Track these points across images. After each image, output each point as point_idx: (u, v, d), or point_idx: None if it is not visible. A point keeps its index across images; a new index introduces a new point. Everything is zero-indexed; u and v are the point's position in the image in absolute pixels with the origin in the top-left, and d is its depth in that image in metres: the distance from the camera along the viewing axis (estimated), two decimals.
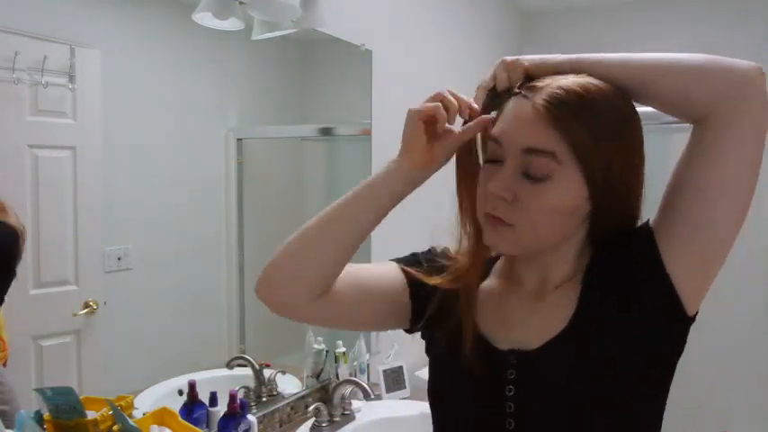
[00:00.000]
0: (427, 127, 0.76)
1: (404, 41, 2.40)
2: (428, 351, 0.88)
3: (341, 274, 0.81)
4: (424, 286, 0.84)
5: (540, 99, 0.70)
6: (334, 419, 1.75)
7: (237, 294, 1.76)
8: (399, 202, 0.79)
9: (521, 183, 0.71)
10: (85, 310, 1.33)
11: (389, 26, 2.30)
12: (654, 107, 0.74)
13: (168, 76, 1.56)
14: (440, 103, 0.75)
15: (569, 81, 0.71)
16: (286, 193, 2.00)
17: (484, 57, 3.16)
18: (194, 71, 1.63)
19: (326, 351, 1.91)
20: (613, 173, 0.71)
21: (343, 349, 1.95)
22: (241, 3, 1.57)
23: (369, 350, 2.08)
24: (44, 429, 1.13)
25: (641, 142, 0.75)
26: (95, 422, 1.15)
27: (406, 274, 0.86)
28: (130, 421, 1.16)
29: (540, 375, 0.74)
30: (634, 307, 0.73)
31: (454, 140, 0.77)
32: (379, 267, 0.87)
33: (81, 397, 1.15)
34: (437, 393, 0.84)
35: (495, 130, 0.74)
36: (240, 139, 1.74)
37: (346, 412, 1.79)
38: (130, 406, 1.26)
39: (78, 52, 1.28)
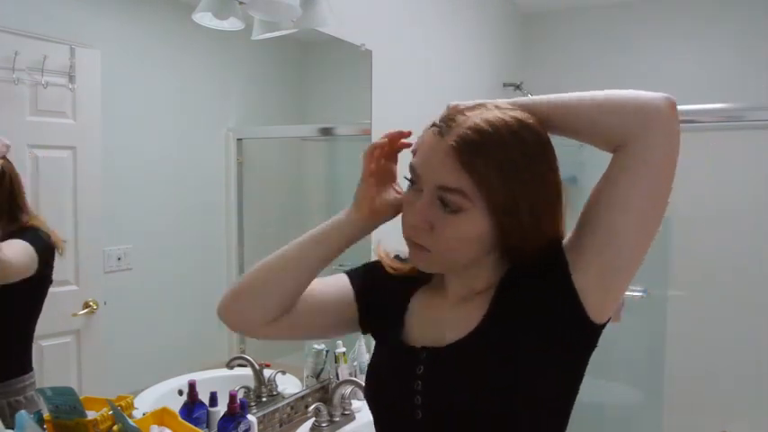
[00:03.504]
0: (377, 182, 0.89)
1: (404, 41, 2.40)
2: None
3: None
4: (369, 290, 0.94)
5: (451, 140, 0.76)
6: (334, 419, 1.75)
7: None
8: (350, 246, 0.91)
9: (436, 213, 0.78)
10: (85, 310, 1.33)
11: (389, 26, 2.30)
12: (577, 139, 0.81)
13: (168, 76, 1.56)
14: (370, 147, 0.88)
15: (480, 118, 0.76)
16: (286, 193, 2.00)
17: (484, 57, 3.16)
18: (194, 71, 1.63)
19: (326, 351, 1.91)
20: (519, 205, 0.76)
21: (343, 349, 1.95)
22: (241, 3, 1.57)
23: (369, 350, 2.08)
24: (44, 429, 1.14)
25: (552, 170, 0.80)
26: (95, 422, 1.15)
27: (353, 281, 0.95)
28: (130, 421, 1.16)
29: (443, 372, 0.81)
30: (540, 315, 0.79)
31: (396, 194, 0.90)
32: (330, 280, 0.96)
33: (81, 397, 1.15)
34: (369, 383, 0.92)
35: (413, 160, 0.81)
36: (240, 139, 1.74)
37: (346, 412, 1.79)
38: (130, 406, 1.26)
39: (78, 52, 1.28)
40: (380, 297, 0.94)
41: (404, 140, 0.90)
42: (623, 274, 0.78)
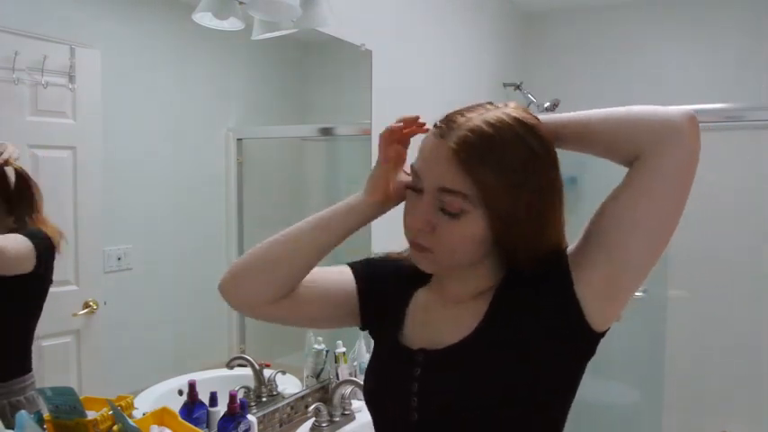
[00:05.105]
0: (391, 169, 0.88)
1: (404, 41, 2.40)
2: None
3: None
4: (372, 287, 0.94)
5: (452, 142, 0.75)
6: (334, 419, 1.75)
7: None
8: (359, 229, 0.90)
9: (438, 215, 0.78)
10: (85, 310, 1.33)
11: (389, 26, 2.30)
12: (591, 153, 0.81)
13: (168, 76, 1.56)
14: (386, 130, 0.87)
15: (481, 120, 0.75)
16: (286, 193, 2.00)
17: (484, 57, 3.16)
18: (194, 71, 1.63)
19: (326, 351, 1.91)
20: (519, 209, 0.76)
21: (343, 349, 1.95)
22: (241, 3, 1.57)
23: (369, 350, 2.08)
24: (44, 429, 1.14)
25: (554, 177, 0.79)
26: (95, 422, 1.15)
27: (356, 275, 0.95)
28: (130, 421, 1.17)
29: (440, 375, 0.82)
30: (538, 321, 0.78)
31: (407, 177, 0.86)
32: (334, 270, 0.96)
33: (81, 397, 1.15)
34: (367, 384, 0.92)
35: (415, 163, 0.81)
36: (240, 139, 1.74)
37: (346, 412, 1.80)
38: (130, 406, 1.26)
39: (78, 52, 1.28)
40: (381, 294, 0.93)
41: (418, 123, 0.88)
42: (627, 289, 0.78)
